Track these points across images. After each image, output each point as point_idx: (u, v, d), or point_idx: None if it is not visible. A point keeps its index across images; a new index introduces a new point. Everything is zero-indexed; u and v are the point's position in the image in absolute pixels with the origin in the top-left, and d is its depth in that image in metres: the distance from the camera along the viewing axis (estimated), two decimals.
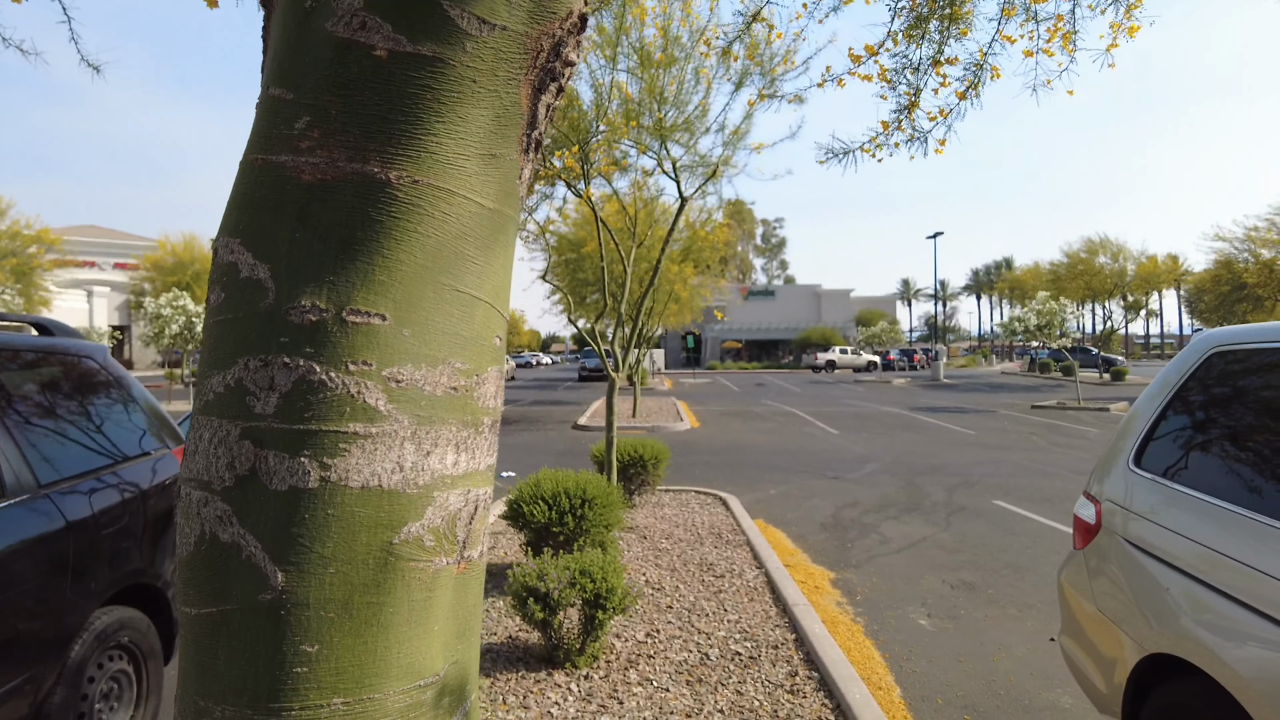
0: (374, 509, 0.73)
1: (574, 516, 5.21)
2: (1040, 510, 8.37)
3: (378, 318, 0.72)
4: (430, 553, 0.77)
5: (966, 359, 65.26)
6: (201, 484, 0.73)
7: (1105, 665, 2.85)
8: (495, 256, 0.81)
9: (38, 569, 2.73)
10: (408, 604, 0.76)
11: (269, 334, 0.72)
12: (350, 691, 0.71)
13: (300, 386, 0.71)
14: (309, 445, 0.71)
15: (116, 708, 3.20)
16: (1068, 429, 16.68)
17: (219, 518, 0.72)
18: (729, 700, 3.65)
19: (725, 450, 13.50)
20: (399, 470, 0.73)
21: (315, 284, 0.72)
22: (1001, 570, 6.14)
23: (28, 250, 29.40)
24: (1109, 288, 37.47)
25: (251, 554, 0.71)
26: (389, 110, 0.72)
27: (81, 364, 3.58)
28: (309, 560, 0.70)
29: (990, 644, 4.62)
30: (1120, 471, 3.08)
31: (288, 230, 0.72)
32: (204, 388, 0.75)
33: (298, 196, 0.73)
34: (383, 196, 0.72)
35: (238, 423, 0.72)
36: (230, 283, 0.74)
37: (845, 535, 7.32)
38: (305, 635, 0.70)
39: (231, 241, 0.75)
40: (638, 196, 8.15)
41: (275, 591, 0.70)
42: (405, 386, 0.74)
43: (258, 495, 0.71)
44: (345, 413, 0.72)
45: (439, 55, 0.72)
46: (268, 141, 0.74)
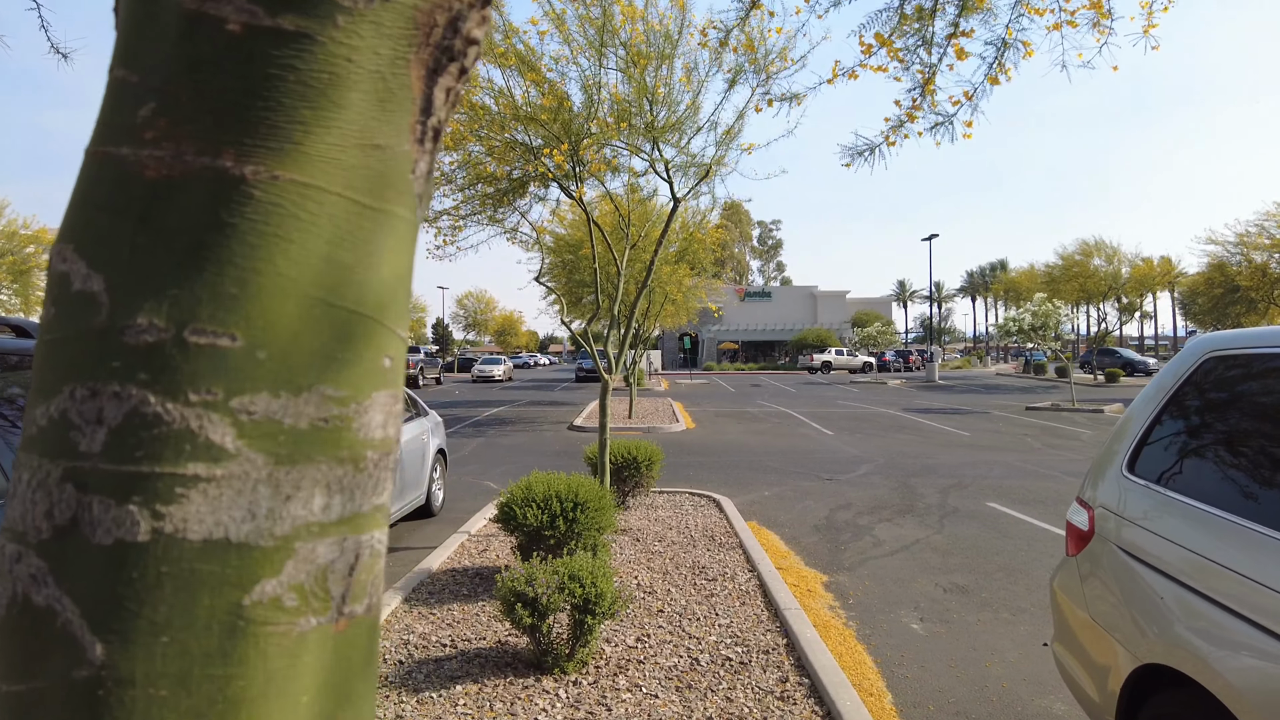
0: (219, 565, 0.60)
1: (565, 520, 5.16)
2: (1034, 513, 8.34)
3: (226, 338, 0.60)
4: (293, 614, 0.62)
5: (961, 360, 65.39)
6: (16, 535, 0.60)
7: (1098, 674, 2.82)
8: (381, 263, 0.68)
9: None
10: (263, 674, 0.62)
11: (100, 357, 0.60)
12: None
13: (132, 420, 0.59)
14: (140, 490, 0.58)
15: None
16: (1062, 430, 16.69)
17: (32, 576, 0.59)
18: (718, 707, 3.61)
19: (720, 451, 13.46)
20: (250, 519, 0.60)
21: (156, 298, 0.60)
22: (995, 573, 6.11)
23: (25, 250, 29.23)
24: (1103, 290, 37.56)
25: (68, 621, 0.58)
26: (245, 95, 0.61)
27: None
28: (136, 628, 0.58)
29: (983, 649, 4.58)
30: (1114, 477, 3.05)
31: (128, 235, 0.61)
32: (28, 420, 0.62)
33: (140, 195, 0.61)
34: (236, 195, 0.61)
35: (60, 462, 0.59)
36: (61, 296, 0.62)
37: (838, 538, 7.29)
38: (129, 718, 0.57)
39: (65, 249, 0.63)
40: (631, 197, 8.11)
41: (93, 666, 0.58)
42: (259, 419, 0.61)
43: (78, 550, 0.58)
44: (184, 451, 0.59)
45: (304, 30, 0.61)
46: (109, 131, 0.63)
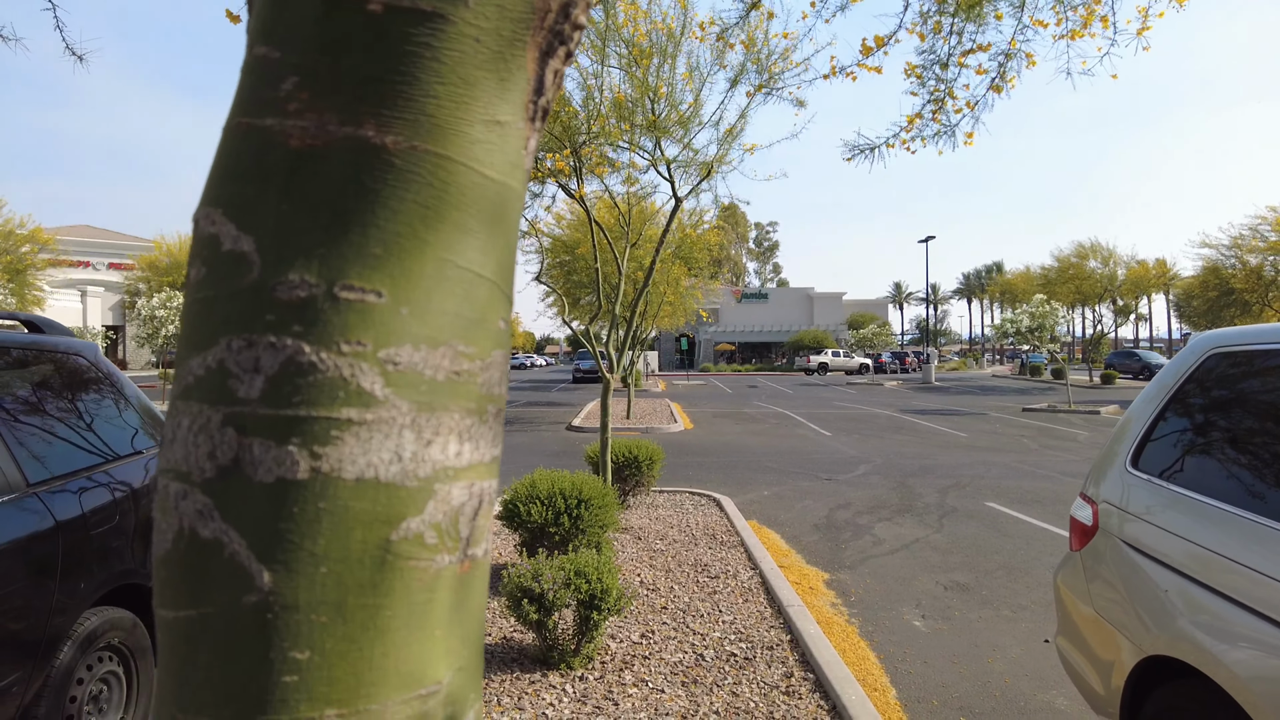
0: (370, 502, 0.65)
1: (569, 517, 5.19)
2: (1032, 512, 8.39)
3: (373, 294, 0.65)
4: (432, 550, 0.68)
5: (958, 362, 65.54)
6: (179, 475, 0.65)
7: (1102, 667, 2.85)
8: (499, 233, 0.74)
9: (26, 569, 2.69)
10: (407, 606, 0.68)
11: (254, 312, 0.64)
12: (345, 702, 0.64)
13: (288, 368, 0.63)
14: (298, 432, 0.63)
15: (106, 710, 3.17)
16: (1059, 431, 16.75)
17: (198, 512, 0.64)
18: (724, 701, 3.64)
19: (719, 451, 13.49)
20: (397, 460, 0.65)
21: (305, 257, 0.64)
22: (995, 571, 6.15)
23: (21, 250, 29.12)
24: (1099, 291, 37.67)
25: (235, 552, 0.63)
26: (384, 70, 0.66)
27: (72, 361, 3.54)
28: (298, 559, 0.63)
29: (985, 645, 4.62)
30: (1117, 473, 3.08)
31: (274, 200, 0.66)
32: (182, 371, 0.67)
33: (285, 163, 0.66)
34: (378, 163, 0.66)
35: (219, 408, 0.64)
36: (211, 257, 0.67)
37: (839, 536, 7.32)
38: (295, 640, 0.63)
39: (213, 212, 0.68)
40: (631, 195, 8.14)
41: (261, 593, 0.63)
42: (404, 369, 0.67)
43: (241, 487, 0.63)
44: (338, 397, 0.64)
45: (438, 10, 0.66)
46: (252, 105, 0.67)
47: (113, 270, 44.59)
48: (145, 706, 3.39)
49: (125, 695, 3.29)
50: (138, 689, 3.34)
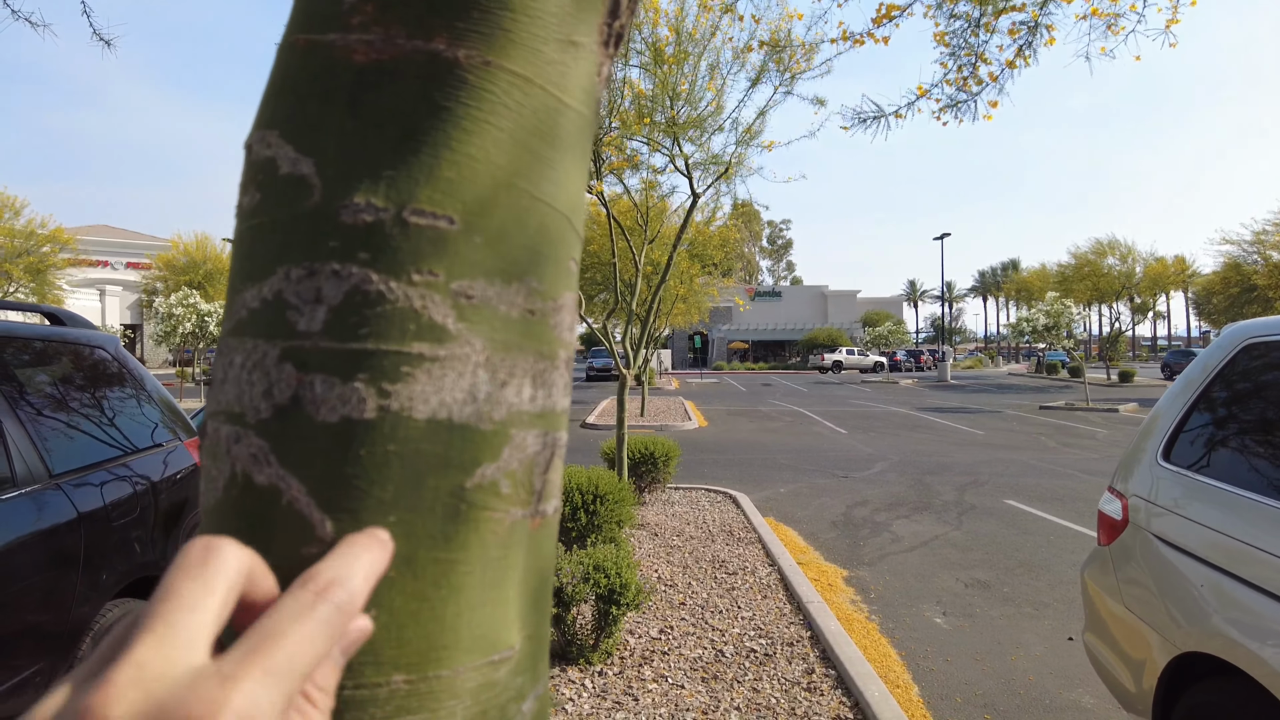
0: (443, 446, 0.58)
1: (586, 512, 5.17)
2: (1052, 509, 8.30)
3: (445, 220, 0.58)
4: (506, 501, 0.61)
5: (973, 360, 65.12)
6: (231, 417, 0.58)
7: (1133, 665, 2.80)
8: (573, 163, 0.67)
9: (49, 560, 2.70)
10: (482, 562, 0.61)
11: (315, 238, 0.58)
12: (414, 667, 0.58)
13: (353, 298, 0.57)
14: (364, 367, 0.56)
15: None
16: (1077, 429, 16.59)
17: (253, 456, 0.57)
18: (745, 697, 3.61)
19: (734, 449, 13.44)
20: (472, 401, 0.59)
21: (371, 179, 0.58)
22: (1015, 569, 6.08)
23: (42, 249, 29.43)
24: (1117, 289, 37.27)
25: (294, 499, 0.56)
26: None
27: (93, 355, 3.55)
28: (365, 506, 0.56)
29: (1007, 643, 4.56)
30: (1147, 466, 3.03)
31: (337, 119, 0.60)
32: (234, 305, 0.61)
33: (349, 80, 0.60)
34: (450, 79, 0.60)
35: (277, 343, 0.57)
36: (267, 181, 0.61)
37: (857, 534, 7.27)
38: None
39: (269, 134, 0.61)
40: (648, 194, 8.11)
41: (323, 544, 0.56)
42: (477, 303, 0.60)
43: (302, 428, 0.57)
44: (409, 330, 0.57)
45: None
46: (312, 19, 0.61)
47: (131, 269, 44.99)
48: None
49: None
50: None
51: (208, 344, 23.93)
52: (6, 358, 2.96)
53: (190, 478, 3.75)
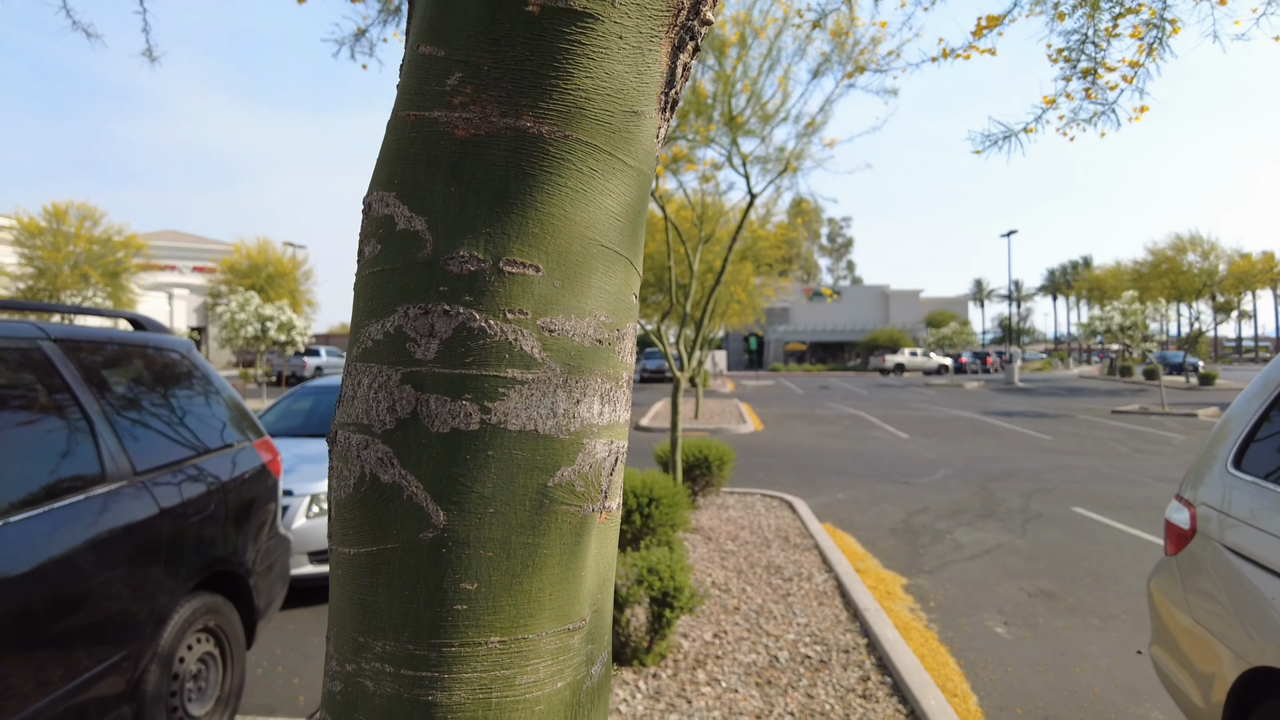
0: (530, 452, 0.74)
1: (640, 515, 5.21)
2: (1123, 518, 8.01)
3: (532, 269, 0.74)
4: (580, 498, 0.78)
5: (1042, 362, 63.10)
6: (361, 427, 0.75)
7: (1202, 679, 2.71)
8: (635, 215, 0.82)
9: (134, 552, 2.87)
10: (560, 547, 0.77)
11: (428, 283, 0.74)
12: (506, 630, 0.74)
13: (460, 333, 0.73)
14: (470, 389, 0.73)
15: (205, 688, 3.34)
16: (1151, 435, 15.95)
17: (379, 459, 0.74)
18: (799, 703, 3.60)
19: (790, 453, 13.34)
20: (553, 416, 0.75)
21: (472, 235, 0.73)
22: (1082, 579, 5.90)
23: (117, 255, 30.99)
24: (1197, 287, 35.65)
25: (413, 494, 0.73)
26: (540, 65, 0.73)
27: (170, 358, 3.75)
28: (470, 500, 0.72)
29: (1071, 654, 4.44)
30: (1218, 475, 2.93)
31: (443, 184, 0.74)
32: (360, 336, 0.77)
33: (451, 151, 0.74)
34: (535, 150, 0.74)
35: (398, 368, 0.74)
36: (386, 235, 0.76)
37: (917, 541, 7.15)
38: (465, 573, 0.72)
39: (386, 195, 0.77)
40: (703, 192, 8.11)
41: (437, 530, 0.73)
42: (557, 335, 0.76)
43: (419, 437, 0.73)
44: (504, 359, 0.73)
45: (589, 10, 0.73)
46: (420, 98, 0.76)
47: (196, 273, 46.60)
48: (238, 687, 3.55)
49: (221, 675, 3.46)
50: (232, 669, 3.51)
51: (269, 345, 24.77)
52: (95, 361, 3.15)
53: (258, 477, 3.92)
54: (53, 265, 28.67)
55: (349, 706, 0.77)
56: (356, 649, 0.76)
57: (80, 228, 29.96)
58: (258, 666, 4.26)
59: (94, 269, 29.59)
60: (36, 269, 28.87)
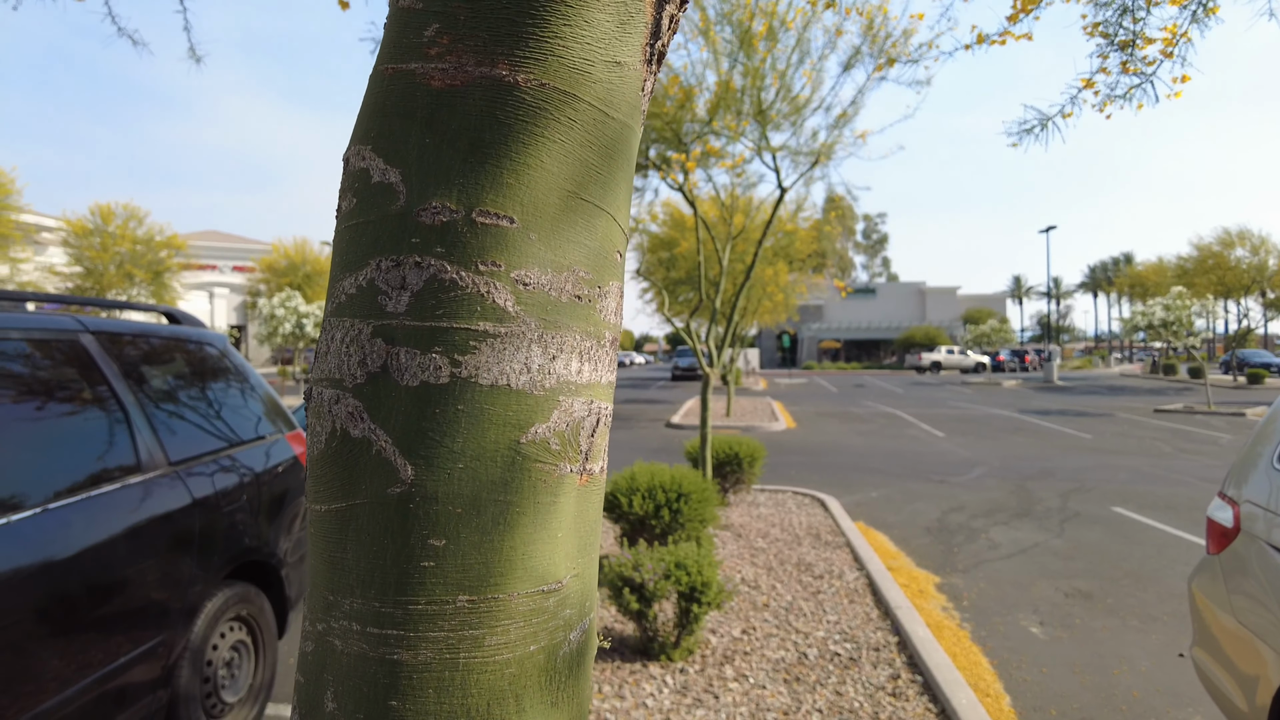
0: (502, 407, 0.73)
1: (670, 510, 5.20)
2: (1165, 518, 7.81)
3: (506, 220, 0.73)
4: (556, 457, 0.76)
5: (1082, 360, 61.82)
6: (333, 382, 0.75)
7: (1245, 681, 2.62)
8: (618, 168, 0.80)
9: (168, 541, 2.92)
10: (533, 506, 0.75)
11: (400, 235, 0.74)
12: (475, 590, 0.72)
13: (431, 285, 0.72)
14: (440, 342, 0.72)
15: (237, 676, 3.40)
16: (1196, 434, 15.53)
17: (350, 414, 0.74)
18: (828, 700, 3.56)
19: (823, 451, 13.22)
20: (526, 371, 0.74)
21: (445, 186, 0.72)
22: (1121, 579, 5.76)
23: (160, 254, 31.75)
24: (1246, 283, 34.61)
25: (381, 448, 0.72)
26: (516, 13, 0.73)
27: (205, 351, 3.82)
28: (439, 455, 0.72)
29: (1109, 656, 4.33)
30: (1264, 471, 2.83)
31: (418, 135, 0.74)
32: (335, 291, 0.77)
33: (427, 102, 0.74)
34: (510, 100, 0.73)
35: (369, 321, 0.74)
36: (361, 188, 0.76)
37: (951, 540, 7.04)
38: (433, 530, 0.72)
39: (363, 149, 0.76)
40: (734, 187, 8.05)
41: (404, 485, 0.72)
42: (532, 289, 0.74)
43: (389, 391, 0.73)
44: (475, 311, 0.72)
45: None
46: (397, 50, 0.76)
47: (236, 272, 47.31)
48: (270, 675, 3.61)
49: (254, 663, 3.52)
50: (264, 658, 3.56)
51: (307, 343, 25.15)
52: (132, 354, 3.22)
53: (290, 469, 3.98)
54: (99, 265, 29.48)
55: (319, 666, 0.76)
56: (327, 607, 0.76)
57: (125, 227, 30.76)
58: (289, 656, 4.33)
59: (138, 268, 30.36)
60: (85, 268, 29.69)
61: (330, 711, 0.74)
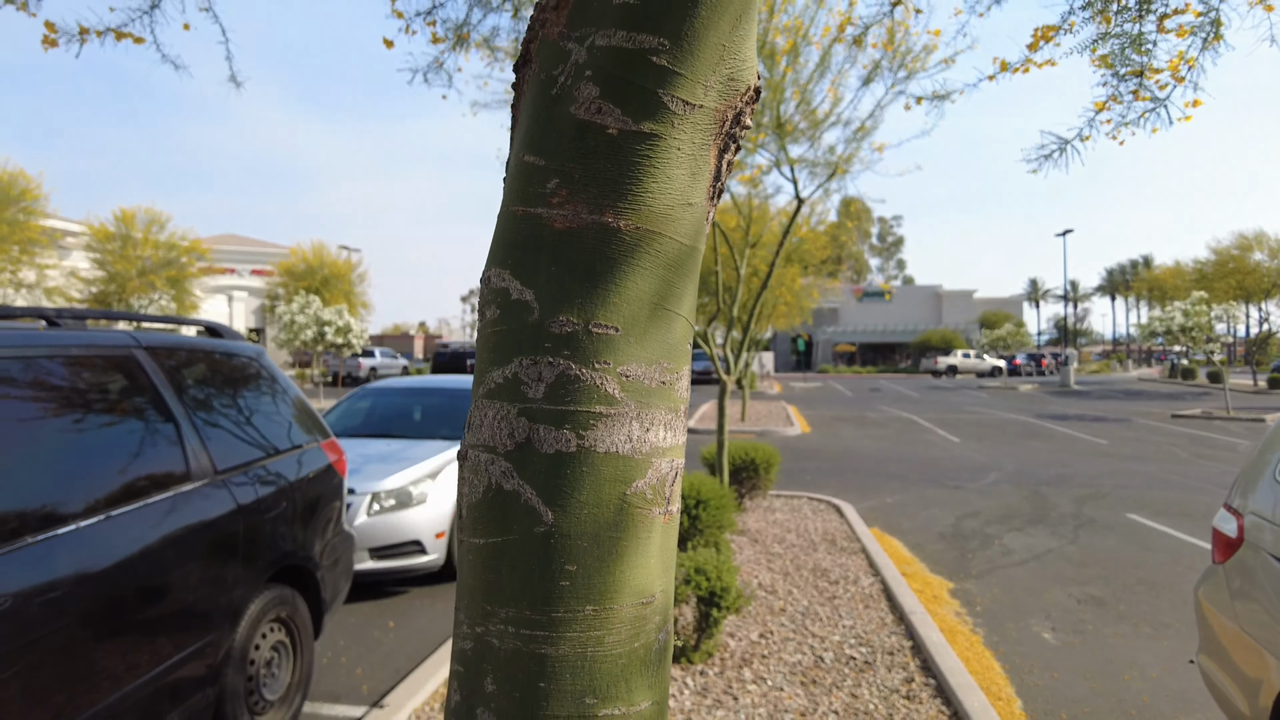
0: (613, 468, 1.01)
1: (688, 517, 5.33)
2: (1180, 526, 7.85)
3: (612, 329, 0.99)
4: (649, 503, 1.04)
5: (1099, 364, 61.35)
6: (487, 448, 1.03)
7: (1248, 686, 2.72)
8: (688, 281, 1.07)
9: (216, 546, 3.09)
10: (634, 540, 1.01)
11: (536, 341, 0.99)
12: (598, 602, 1.00)
13: (561, 379, 0.99)
14: (568, 421, 0.99)
15: (277, 675, 3.56)
16: (1214, 440, 15.48)
17: (502, 472, 1.01)
18: (843, 702, 3.68)
19: (838, 456, 13.30)
20: (629, 441, 1.01)
21: (568, 305, 0.98)
22: (1134, 586, 5.83)
23: (181, 260, 32.15)
24: (1266, 287, 34.30)
25: (529, 499, 1.00)
26: (618, 174, 0.98)
27: (245, 363, 3.98)
28: (570, 503, 0.99)
29: (1121, 662, 4.42)
30: (1267, 483, 2.93)
31: (545, 265, 1.01)
32: (484, 379, 1.04)
33: (552, 240, 1.00)
34: (615, 240, 1.00)
35: (515, 404, 1.00)
36: (503, 303, 1.03)
37: (965, 546, 7.12)
38: (568, 558, 0.99)
39: (502, 272, 1.04)
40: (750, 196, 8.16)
41: (546, 525, 0.99)
42: (632, 380, 1.00)
43: (532, 456, 1.00)
44: (593, 398, 0.98)
45: (655, 131, 0.99)
46: (525, 197, 1.03)
47: (254, 276, 47.43)
48: (307, 674, 3.76)
49: (292, 663, 3.67)
50: (301, 657, 3.72)
51: (326, 347, 25.36)
52: (180, 366, 3.38)
53: (325, 476, 4.14)
54: (122, 271, 29.91)
55: (478, 659, 1.03)
56: (484, 615, 1.02)
57: (148, 232, 31.17)
58: (322, 657, 4.49)
59: (158, 275, 30.77)
60: (107, 273, 30.14)
61: (491, 692, 1.01)
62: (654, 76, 0.97)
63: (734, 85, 1.03)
